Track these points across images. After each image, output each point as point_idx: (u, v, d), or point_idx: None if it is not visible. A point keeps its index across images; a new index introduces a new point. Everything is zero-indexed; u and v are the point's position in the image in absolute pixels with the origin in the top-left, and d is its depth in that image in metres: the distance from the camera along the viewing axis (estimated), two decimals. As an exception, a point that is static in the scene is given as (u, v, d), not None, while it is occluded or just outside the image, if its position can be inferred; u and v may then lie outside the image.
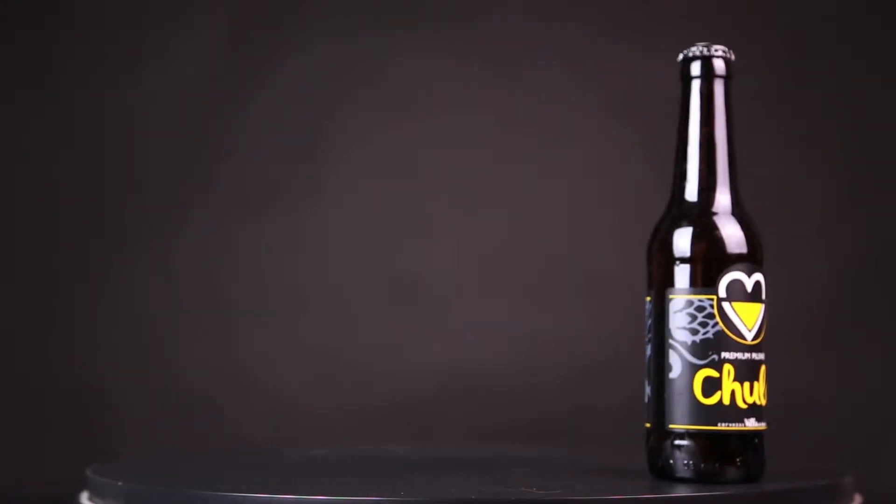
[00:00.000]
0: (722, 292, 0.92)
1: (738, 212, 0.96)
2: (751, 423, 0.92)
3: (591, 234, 1.66)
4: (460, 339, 1.65)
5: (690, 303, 0.93)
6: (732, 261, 0.93)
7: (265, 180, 1.67)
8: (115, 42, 1.67)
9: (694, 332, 0.92)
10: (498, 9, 1.66)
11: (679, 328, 0.93)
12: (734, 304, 0.93)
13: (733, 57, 1.00)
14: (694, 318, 0.93)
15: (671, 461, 0.92)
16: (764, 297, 0.94)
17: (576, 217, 1.67)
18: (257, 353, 1.65)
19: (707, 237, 0.95)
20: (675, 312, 0.93)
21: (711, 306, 0.92)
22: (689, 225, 0.97)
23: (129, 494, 0.94)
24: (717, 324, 0.92)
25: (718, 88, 1.01)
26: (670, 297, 0.94)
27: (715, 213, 0.96)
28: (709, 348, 0.92)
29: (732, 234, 0.94)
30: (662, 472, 0.92)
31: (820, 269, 1.63)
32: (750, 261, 0.93)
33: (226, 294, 1.67)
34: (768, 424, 0.93)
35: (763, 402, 0.93)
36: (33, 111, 1.66)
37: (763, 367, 0.93)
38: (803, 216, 1.64)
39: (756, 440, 0.92)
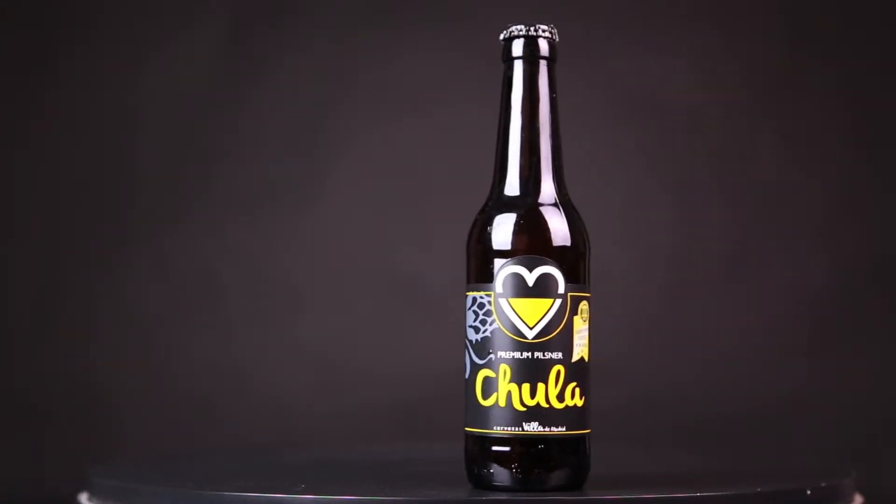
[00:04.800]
0: (498, 288, 0.87)
1: (531, 202, 0.88)
2: (532, 428, 0.85)
3: (591, 234, 1.66)
4: (460, 339, 1.65)
5: (475, 300, 0.88)
6: (507, 255, 0.87)
7: (265, 180, 1.67)
8: (115, 42, 1.67)
9: (476, 330, 0.87)
10: (499, 8, 1.66)
11: (469, 326, 0.88)
12: (511, 300, 0.86)
13: (558, 38, 0.92)
14: (477, 315, 0.88)
15: (465, 464, 0.89)
16: (560, 291, 0.86)
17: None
18: (257, 352, 1.65)
19: (481, 231, 0.89)
20: (467, 310, 0.88)
21: (489, 303, 0.87)
22: (478, 217, 0.90)
23: (129, 494, 0.94)
24: (494, 321, 0.86)
25: (542, 70, 0.91)
26: (466, 293, 0.89)
27: (501, 205, 0.88)
28: (487, 347, 0.87)
29: (507, 228, 0.87)
30: (468, 475, 0.89)
31: (820, 269, 1.63)
32: (533, 254, 0.86)
33: (226, 294, 1.67)
34: (575, 428, 0.86)
35: (560, 405, 0.86)
36: (33, 111, 1.66)
37: (558, 368, 0.86)
38: (803, 216, 1.64)
39: (541, 446, 0.85)
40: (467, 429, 0.88)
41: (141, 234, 1.66)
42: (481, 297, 0.87)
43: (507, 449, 0.86)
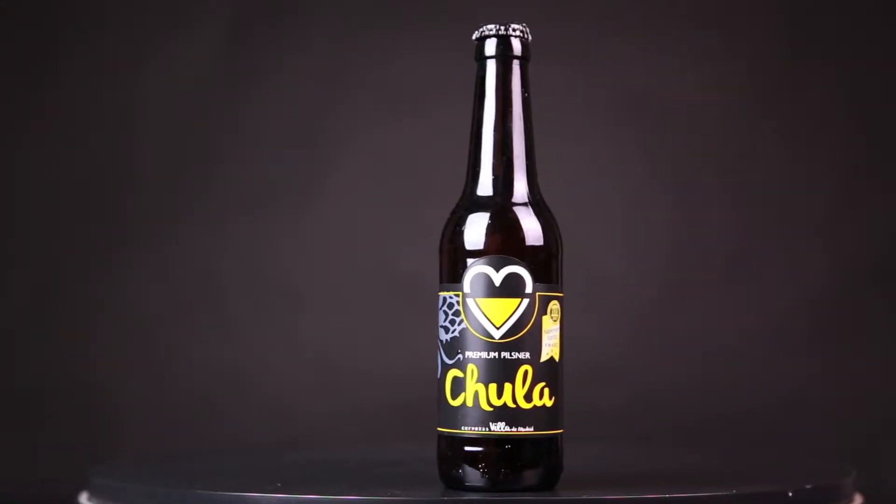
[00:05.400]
0: (466, 288, 0.86)
1: (500, 202, 0.88)
2: (499, 428, 0.85)
3: (591, 234, 1.66)
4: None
5: (445, 300, 0.88)
6: (475, 255, 0.86)
7: (265, 180, 1.67)
8: (115, 42, 1.67)
9: (446, 330, 0.87)
10: (498, 8, 1.66)
11: (440, 326, 0.88)
12: (478, 300, 0.86)
13: (531, 37, 0.92)
14: (446, 315, 0.87)
15: (438, 465, 0.89)
16: (528, 291, 0.86)
17: (576, 217, 1.67)
18: (257, 352, 1.65)
19: (451, 231, 0.89)
20: (438, 310, 0.88)
21: (458, 303, 0.87)
22: (450, 217, 0.90)
23: (129, 494, 0.94)
24: (462, 321, 0.86)
25: (515, 69, 0.90)
26: (438, 293, 0.89)
27: (471, 205, 0.88)
28: (456, 347, 0.86)
29: (475, 228, 0.87)
30: (440, 476, 0.89)
31: (820, 269, 1.63)
32: (501, 254, 0.86)
33: (226, 294, 1.67)
34: (544, 428, 0.86)
35: (528, 405, 0.85)
36: (33, 111, 1.66)
37: (526, 368, 0.85)
38: (803, 216, 1.64)
39: (508, 446, 0.85)
40: (439, 429, 0.88)
41: (141, 234, 1.66)
42: (451, 297, 0.87)
43: (475, 449, 0.86)
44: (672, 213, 1.66)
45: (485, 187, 0.88)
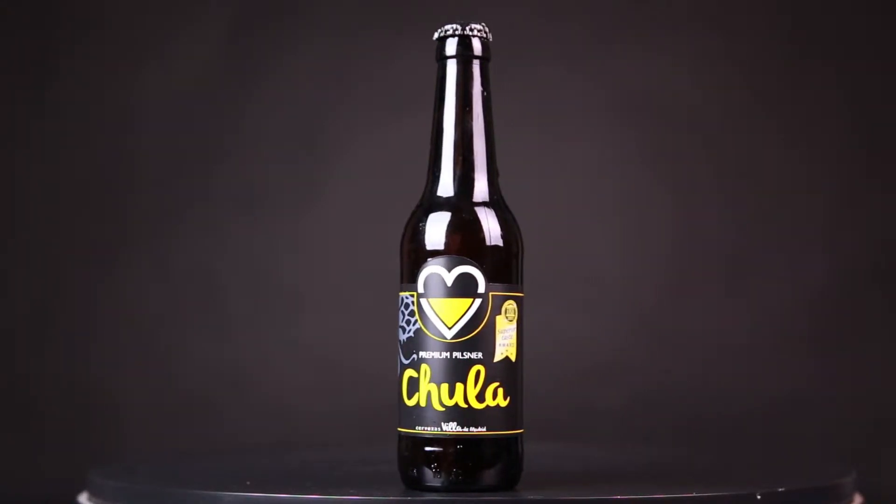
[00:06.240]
0: (420, 288, 0.86)
1: (456, 202, 0.87)
2: (450, 428, 0.85)
3: (591, 234, 1.66)
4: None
5: (402, 300, 0.88)
6: (429, 255, 0.86)
7: (265, 180, 1.67)
8: (115, 42, 1.67)
9: (403, 330, 0.87)
10: (498, 8, 1.66)
11: (398, 326, 0.88)
12: (431, 300, 0.86)
13: (491, 37, 0.91)
14: (403, 315, 0.87)
15: (398, 464, 0.89)
16: (480, 291, 0.85)
17: (576, 218, 1.67)
18: (257, 353, 1.65)
19: (409, 232, 0.89)
20: (398, 309, 0.88)
21: (413, 303, 0.87)
22: (410, 217, 0.90)
23: (129, 494, 0.94)
24: (416, 321, 0.86)
25: (475, 69, 0.89)
26: (399, 293, 0.89)
27: (429, 205, 0.88)
28: (411, 347, 0.86)
29: (430, 228, 0.87)
30: (400, 476, 0.88)
31: (820, 269, 1.63)
32: (454, 254, 0.86)
33: (225, 294, 1.67)
34: (498, 428, 0.85)
35: (480, 405, 0.85)
36: (33, 111, 1.66)
37: (478, 368, 0.85)
38: (803, 216, 1.64)
39: (460, 446, 0.85)
40: (398, 429, 0.88)
41: (141, 234, 1.66)
42: (407, 298, 0.87)
43: (428, 449, 0.86)
44: (672, 213, 1.66)
45: (443, 187, 0.88)
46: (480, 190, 0.88)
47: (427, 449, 0.86)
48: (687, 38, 1.67)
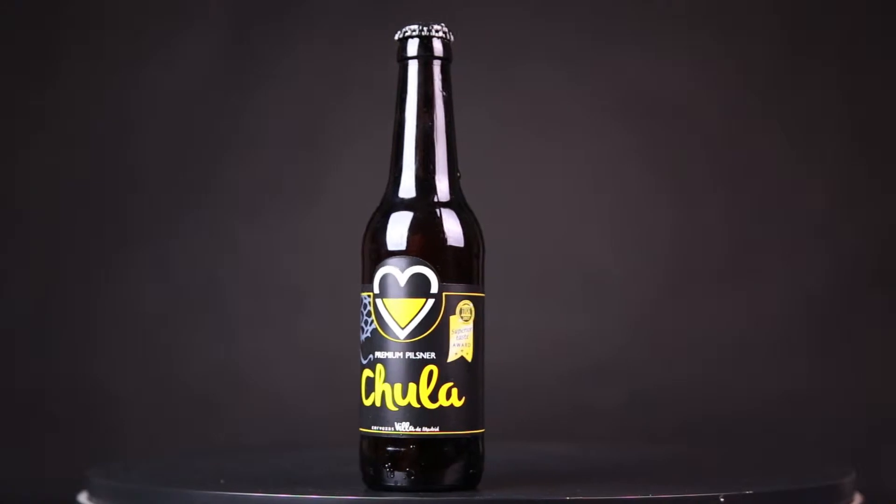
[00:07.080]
0: (376, 288, 0.87)
1: (414, 202, 0.88)
2: (403, 428, 0.85)
3: (591, 234, 1.66)
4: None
5: (361, 300, 0.89)
6: (385, 255, 0.87)
7: (265, 180, 1.67)
8: (115, 41, 1.67)
9: (362, 330, 0.88)
10: (499, 8, 1.66)
11: (359, 326, 0.89)
12: (385, 300, 0.86)
13: (453, 38, 0.92)
14: (362, 315, 0.88)
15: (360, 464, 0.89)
16: (433, 291, 0.86)
17: (575, 217, 1.67)
18: (257, 353, 1.65)
19: (369, 232, 0.90)
20: (360, 310, 0.89)
21: (370, 303, 0.87)
22: (370, 219, 0.91)
23: (129, 494, 0.94)
24: (372, 322, 0.87)
25: (436, 70, 0.90)
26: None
27: (388, 206, 0.89)
28: (369, 347, 0.87)
29: (385, 229, 0.88)
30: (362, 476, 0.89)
31: (819, 269, 1.63)
32: (406, 254, 0.86)
33: (226, 294, 1.67)
34: (452, 428, 0.85)
35: (433, 405, 0.85)
36: (33, 111, 1.66)
37: (431, 368, 0.85)
38: (803, 216, 1.64)
39: (412, 446, 0.85)
40: (359, 429, 0.88)
41: (141, 234, 1.66)
42: (365, 298, 0.88)
43: (383, 448, 0.86)
44: (672, 214, 1.66)
45: (403, 188, 0.89)
46: (439, 190, 0.88)
47: (383, 448, 0.86)
48: (687, 39, 1.67)
